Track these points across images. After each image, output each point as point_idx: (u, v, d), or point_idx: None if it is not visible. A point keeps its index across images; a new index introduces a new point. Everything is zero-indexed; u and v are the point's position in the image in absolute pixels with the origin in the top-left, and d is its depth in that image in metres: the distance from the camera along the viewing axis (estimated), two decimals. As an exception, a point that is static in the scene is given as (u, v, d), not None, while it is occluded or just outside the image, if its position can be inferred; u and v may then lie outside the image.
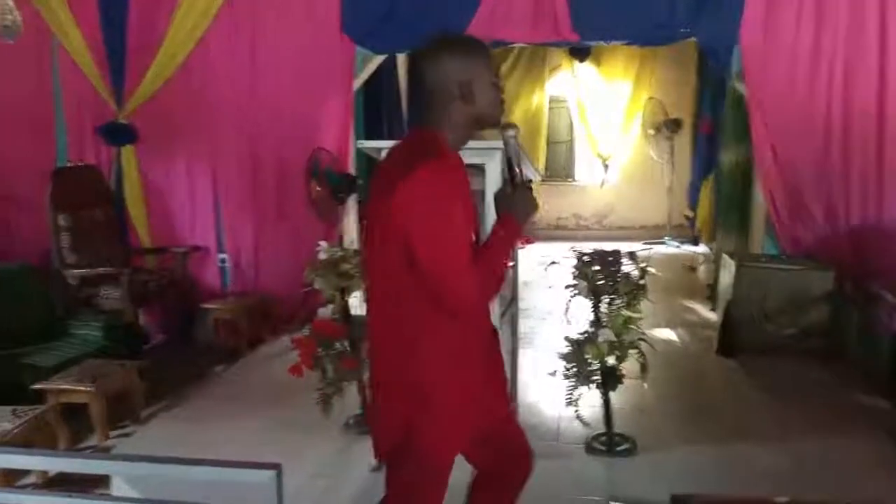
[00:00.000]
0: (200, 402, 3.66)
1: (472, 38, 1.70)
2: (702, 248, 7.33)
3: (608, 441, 3.03)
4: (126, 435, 3.25)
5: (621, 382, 2.99)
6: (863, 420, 3.30)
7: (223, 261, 4.88)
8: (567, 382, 2.98)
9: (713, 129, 6.65)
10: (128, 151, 4.78)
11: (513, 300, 3.16)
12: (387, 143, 2.86)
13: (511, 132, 1.70)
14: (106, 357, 3.52)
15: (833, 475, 2.79)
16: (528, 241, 8.25)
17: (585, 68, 8.37)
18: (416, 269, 1.54)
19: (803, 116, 4.22)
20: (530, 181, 1.77)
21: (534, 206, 1.69)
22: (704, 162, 7.15)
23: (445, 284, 1.56)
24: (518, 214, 1.68)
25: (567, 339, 3.00)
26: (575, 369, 2.98)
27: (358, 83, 4.85)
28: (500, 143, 1.85)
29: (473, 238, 1.67)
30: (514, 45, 5.78)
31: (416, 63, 1.68)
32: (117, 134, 4.75)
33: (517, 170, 1.70)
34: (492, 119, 1.67)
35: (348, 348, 3.02)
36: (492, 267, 1.64)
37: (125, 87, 4.71)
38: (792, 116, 4.23)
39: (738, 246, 5.25)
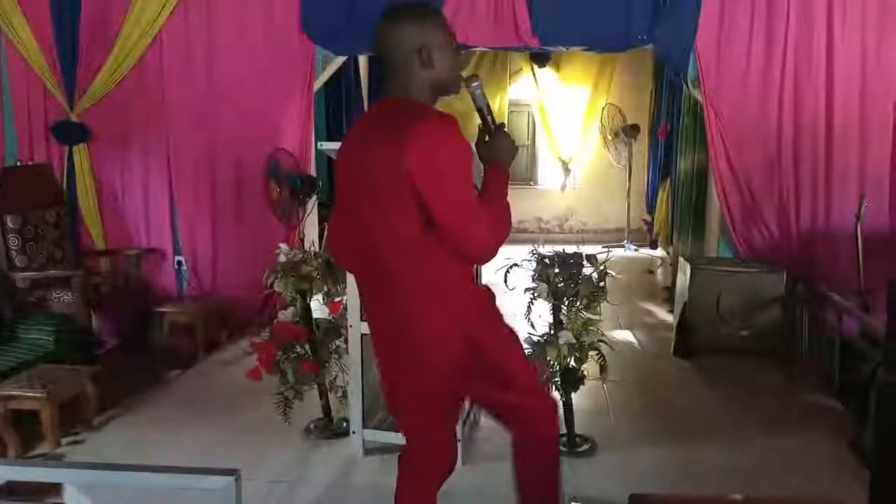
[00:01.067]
0: (155, 408, 3.57)
1: (426, 5, 1.73)
2: (660, 252, 7.46)
3: (569, 442, 3.06)
4: (78, 442, 3.15)
5: (582, 384, 3.02)
6: (814, 419, 3.39)
7: (179, 263, 4.79)
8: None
9: (670, 135, 6.78)
10: (80, 151, 4.65)
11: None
12: (348, 145, 2.86)
13: (475, 83, 1.78)
14: (57, 362, 3.41)
15: (787, 473, 2.87)
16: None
17: (546, 73, 8.46)
18: (432, 226, 1.59)
19: (756, 123, 4.33)
20: (502, 124, 1.84)
21: (513, 146, 1.79)
22: (662, 167, 7.29)
23: (467, 233, 1.62)
24: (503, 157, 1.77)
25: (528, 341, 3.02)
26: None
27: (318, 84, 4.80)
28: None
29: None
30: (476, 49, 5.79)
31: (377, 32, 1.70)
32: (69, 133, 4.63)
33: (489, 117, 1.79)
34: (452, 84, 1.74)
35: (309, 352, 2.99)
36: (498, 212, 1.71)
37: (77, 86, 4.59)
38: (745, 123, 4.34)
39: (693, 249, 5.36)
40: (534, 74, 8.50)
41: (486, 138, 1.81)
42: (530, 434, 1.89)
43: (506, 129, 1.82)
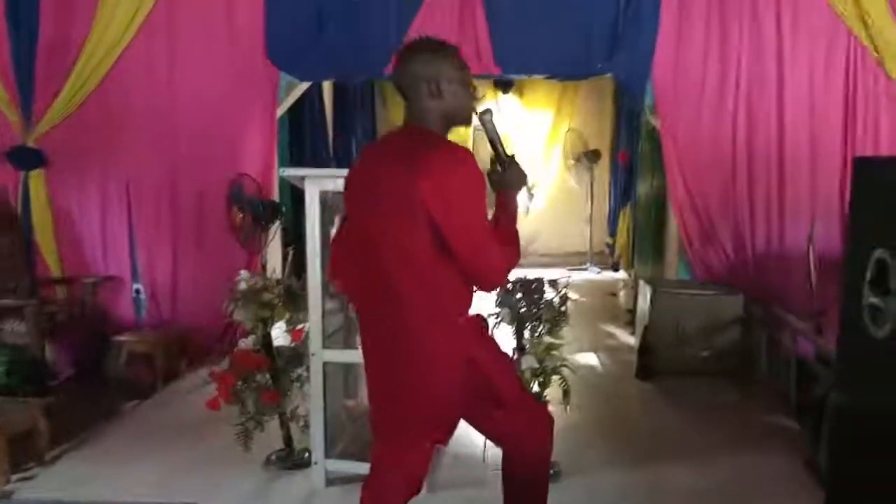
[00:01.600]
0: (111, 440, 3.47)
1: (439, 41, 1.82)
2: (622, 275, 7.57)
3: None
4: (29, 478, 3.04)
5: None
6: (772, 439, 3.45)
7: (138, 291, 4.69)
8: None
9: (630, 160, 6.92)
10: (36, 176, 4.54)
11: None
12: (311, 171, 2.86)
13: (487, 116, 1.87)
14: (9, 394, 3.31)
15: (747, 493, 2.91)
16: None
17: (509, 99, 8.59)
18: (444, 251, 1.67)
19: (711, 149, 4.46)
20: (513, 156, 1.91)
21: (523, 176, 1.87)
22: (622, 191, 7.43)
23: (480, 258, 1.70)
24: (515, 188, 1.86)
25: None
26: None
27: (282, 110, 4.80)
28: None
29: None
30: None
31: (396, 63, 1.81)
32: (25, 158, 4.52)
33: (501, 149, 1.87)
34: (461, 117, 1.82)
35: (270, 381, 2.95)
36: (509, 238, 1.80)
37: (35, 110, 4.50)
38: (701, 149, 4.46)
39: (654, 272, 5.46)
40: (497, 101, 8.62)
41: (498, 168, 1.89)
42: (524, 448, 1.95)
43: (516, 160, 1.90)
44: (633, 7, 4.34)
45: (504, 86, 8.39)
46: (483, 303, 3.00)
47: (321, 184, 2.73)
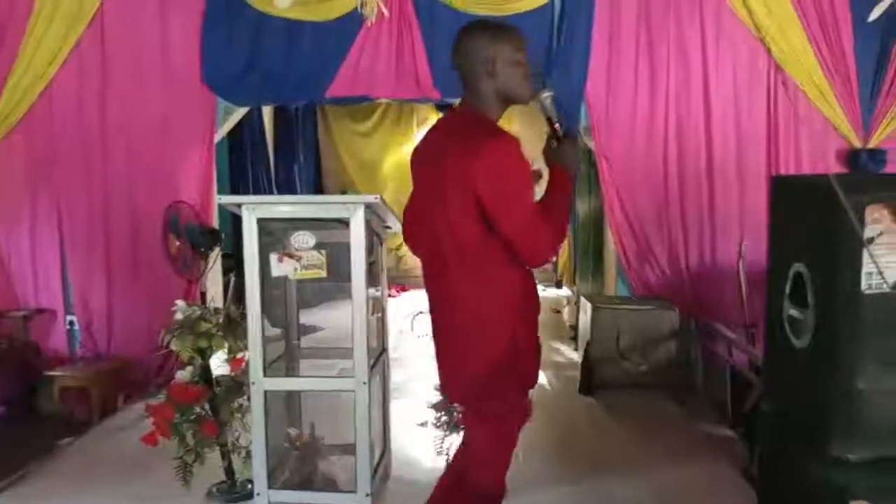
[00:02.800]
0: (45, 479, 3.32)
1: (499, 22, 1.94)
2: (565, 291, 7.69)
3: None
4: (-47, 525, 2.90)
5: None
6: (711, 449, 3.55)
7: (71, 323, 4.54)
8: (437, 432, 3.01)
9: (570, 180, 7.06)
10: (-40, 208, 4.38)
11: (383, 351, 3.18)
12: (247, 199, 2.84)
13: (545, 94, 1.93)
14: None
15: (686, 503, 2.98)
16: (402, 290, 8.31)
17: (451, 121, 8.68)
18: (491, 230, 1.77)
19: (644, 170, 4.61)
20: (572, 133, 1.97)
21: (578, 155, 1.92)
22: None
23: (524, 239, 1.78)
24: (568, 164, 1.88)
25: (437, 387, 3.03)
26: (445, 418, 3.02)
27: (220, 135, 4.75)
28: (363, 198, 2.30)
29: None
30: (381, 101, 5.91)
31: (454, 44, 1.89)
32: (-52, 189, 4.36)
33: (557, 126, 1.92)
34: (515, 95, 1.88)
35: (209, 412, 2.89)
36: (556, 217, 1.85)
37: (-41, 140, 4.35)
38: (634, 170, 4.60)
39: (594, 288, 5.58)
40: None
41: (555, 145, 1.96)
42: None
43: (575, 138, 1.95)
44: (565, 32, 4.47)
45: (445, 108, 8.48)
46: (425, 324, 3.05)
47: (258, 211, 2.71)
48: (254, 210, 2.70)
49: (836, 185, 1.70)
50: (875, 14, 3.73)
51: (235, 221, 5.12)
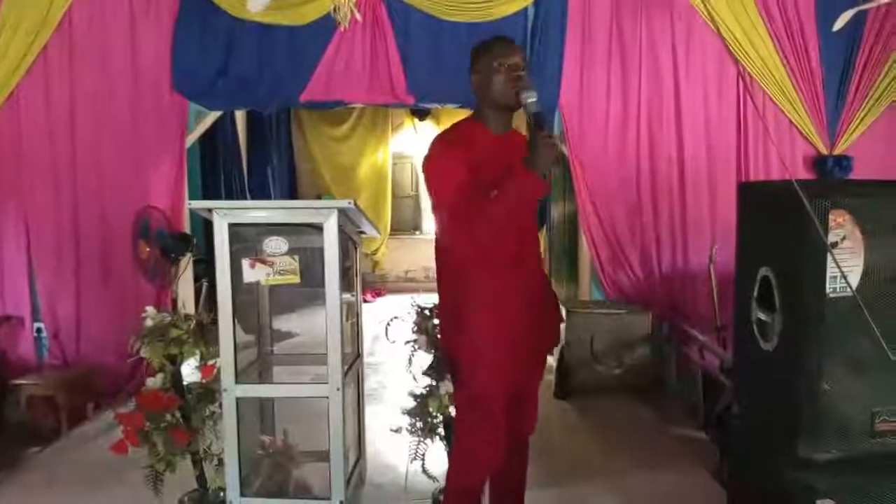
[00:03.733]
0: (13, 489, 3.26)
1: (489, 38, 2.11)
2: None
3: (452, 493, 3.06)
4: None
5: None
6: (684, 452, 3.60)
7: (39, 331, 4.45)
8: (412, 437, 3.00)
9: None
10: (-77, 215, 4.27)
11: (358, 357, 3.17)
12: (218, 204, 2.81)
13: (525, 95, 1.99)
14: None
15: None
16: (377, 294, 8.29)
17: (426, 126, 8.70)
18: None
19: (618, 176, 4.66)
20: (546, 136, 1.97)
21: (548, 159, 1.94)
22: (538, 216, 7.61)
23: (438, 225, 2.07)
24: (534, 165, 1.92)
25: (411, 393, 3.03)
26: (419, 423, 3.01)
27: (191, 140, 4.70)
28: (337, 203, 2.43)
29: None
30: (356, 105, 5.89)
31: None
32: None
33: (538, 125, 1.96)
34: (503, 101, 2.04)
35: (180, 420, 2.85)
36: (486, 209, 1.95)
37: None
38: (608, 176, 4.65)
39: (568, 293, 5.61)
40: (415, 127, 8.72)
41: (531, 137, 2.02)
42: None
43: (551, 138, 1.98)
44: (539, 39, 4.50)
45: (420, 114, 8.50)
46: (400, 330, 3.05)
47: (230, 216, 2.68)
48: (225, 215, 2.67)
49: (801, 191, 1.73)
50: (840, 23, 3.81)
51: (207, 227, 5.07)
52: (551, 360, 5.15)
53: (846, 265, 1.89)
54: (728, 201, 4.63)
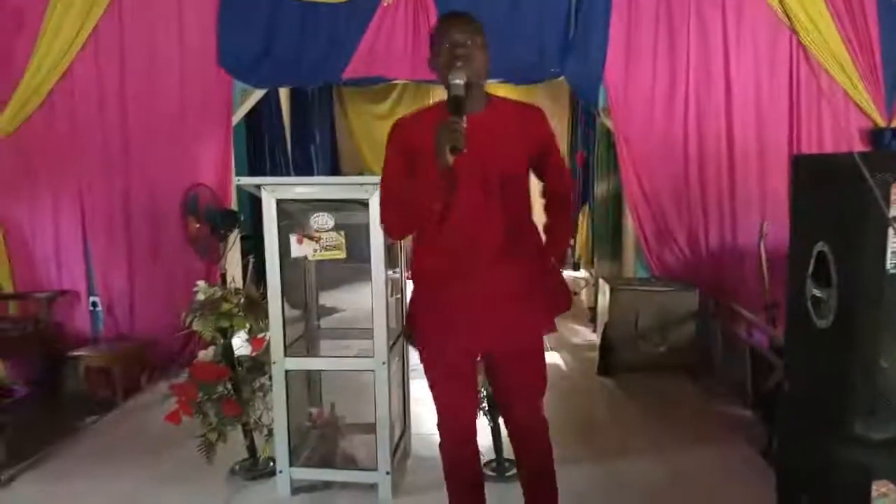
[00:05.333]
0: (70, 458, 3.40)
1: (446, 14, 2.05)
2: (583, 273, 7.67)
3: (498, 467, 3.09)
4: (-16, 500, 2.98)
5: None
6: (730, 430, 3.55)
7: (94, 304, 4.60)
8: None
9: (587, 161, 7.02)
10: (-18, 193, 4.44)
11: (402, 333, 3.20)
12: (266, 180, 2.86)
13: (451, 77, 1.87)
14: (-40, 416, 3.23)
15: (706, 483, 2.99)
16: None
17: (467, 103, 8.63)
18: None
19: (664, 150, 4.56)
20: (458, 121, 1.81)
21: (448, 138, 1.77)
22: (580, 193, 7.53)
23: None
24: (437, 153, 1.80)
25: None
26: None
27: (237, 117, 4.77)
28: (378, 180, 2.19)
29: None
30: (398, 82, 5.88)
31: None
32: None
33: (451, 109, 1.82)
34: (443, 81, 1.91)
35: (232, 391, 2.93)
36: (392, 196, 2.02)
37: (-21, 126, 4.40)
38: (654, 150, 4.56)
39: (612, 270, 5.56)
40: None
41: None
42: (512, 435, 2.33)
43: (451, 121, 1.78)
44: (583, 13, 4.42)
45: (462, 90, 8.44)
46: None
47: (278, 192, 2.72)
48: (273, 191, 2.71)
49: (862, 164, 1.67)
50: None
51: (253, 203, 5.17)
52: (594, 338, 5.15)
53: (908, 240, 1.82)
54: (779, 176, 4.52)
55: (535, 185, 2.24)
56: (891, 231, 1.82)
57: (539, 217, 2.23)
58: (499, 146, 1.99)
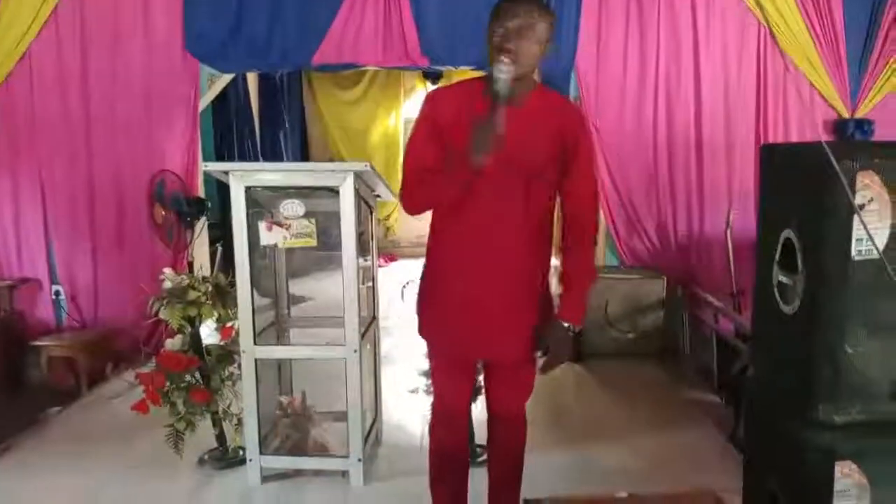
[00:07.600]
0: (34, 449, 3.32)
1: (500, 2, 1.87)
2: (554, 262, 7.71)
3: (470, 452, 3.10)
4: (-57, 494, 2.89)
5: (480, 394, 3.07)
6: (697, 415, 3.61)
7: (57, 293, 4.50)
8: (428, 398, 3.02)
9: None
10: (-62, 178, 4.29)
11: (374, 320, 3.18)
12: (234, 166, 2.81)
13: (497, 67, 1.79)
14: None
15: (675, 468, 3.04)
16: (390, 259, 8.31)
17: (438, 90, 8.60)
18: None
19: (634, 141, 4.59)
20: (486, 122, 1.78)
21: (477, 142, 1.76)
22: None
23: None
24: (472, 142, 1.77)
25: (426, 355, 3.04)
26: (435, 385, 3.04)
27: (204, 103, 4.67)
28: (353, 166, 2.42)
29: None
30: (368, 68, 5.81)
31: None
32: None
33: (493, 104, 1.78)
34: (489, 62, 1.84)
35: (200, 380, 2.89)
36: (415, 178, 1.98)
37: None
38: (624, 141, 4.59)
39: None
40: (427, 91, 8.62)
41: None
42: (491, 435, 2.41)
43: (488, 123, 1.76)
44: (555, 1, 4.41)
45: (433, 77, 8.39)
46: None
47: (247, 178, 2.68)
48: (242, 177, 2.67)
49: (829, 152, 1.70)
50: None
51: (221, 190, 5.09)
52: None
53: (873, 227, 1.85)
54: (746, 166, 4.60)
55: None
56: (856, 218, 1.85)
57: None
58: (530, 143, 1.92)
